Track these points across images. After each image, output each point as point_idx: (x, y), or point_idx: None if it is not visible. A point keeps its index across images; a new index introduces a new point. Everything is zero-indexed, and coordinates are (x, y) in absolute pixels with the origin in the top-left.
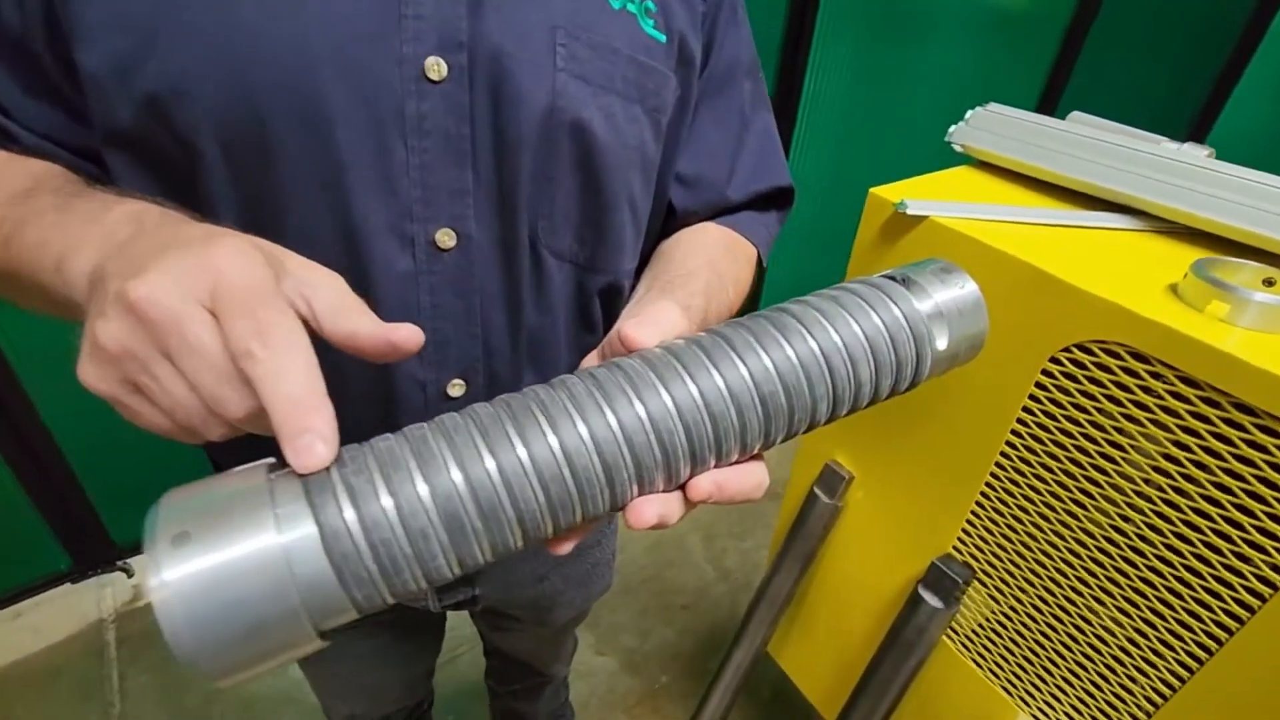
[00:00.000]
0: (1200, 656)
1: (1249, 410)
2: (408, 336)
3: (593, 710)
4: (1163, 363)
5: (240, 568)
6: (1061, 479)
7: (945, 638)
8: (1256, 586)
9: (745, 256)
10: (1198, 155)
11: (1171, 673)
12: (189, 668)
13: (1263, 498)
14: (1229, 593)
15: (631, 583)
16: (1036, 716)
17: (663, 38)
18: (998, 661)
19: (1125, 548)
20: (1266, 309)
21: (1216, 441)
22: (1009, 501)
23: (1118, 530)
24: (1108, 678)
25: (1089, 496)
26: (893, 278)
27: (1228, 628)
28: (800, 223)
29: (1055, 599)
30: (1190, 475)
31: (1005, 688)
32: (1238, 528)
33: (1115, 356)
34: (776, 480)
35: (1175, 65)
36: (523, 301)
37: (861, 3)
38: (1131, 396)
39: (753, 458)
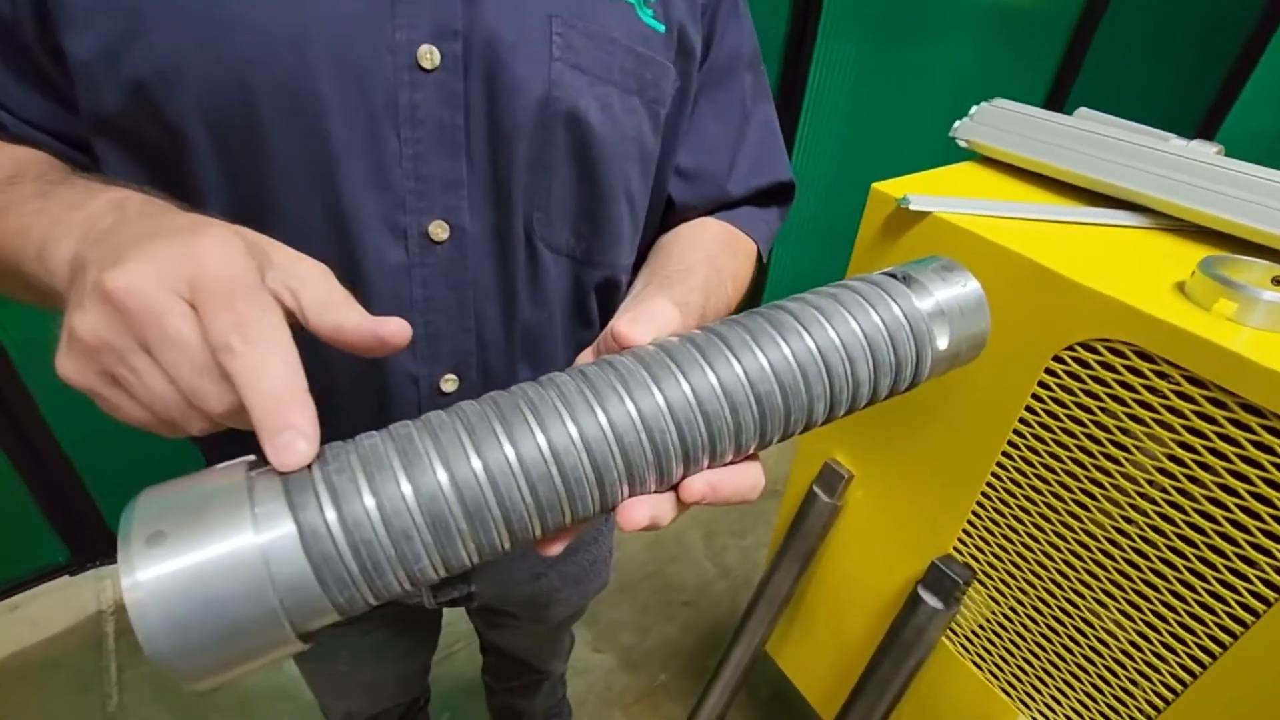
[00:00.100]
0: (1204, 660)
1: (1256, 411)
2: (395, 331)
3: (590, 707)
4: (1169, 362)
5: (216, 568)
6: (1064, 479)
7: (945, 639)
8: (1262, 590)
9: (745, 252)
10: (1206, 152)
11: (1174, 676)
12: (165, 670)
13: (1269, 500)
14: (1234, 596)
15: (631, 579)
16: (1036, 719)
17: (662, 28)
18: (998, 663)
19: (1129, 549)
20: (1275, 308)
21: (1223, 443)
22: (1010, 502)
23: (1121, 532)
24: (1109, 680)
25: (1092, 498)
26: (893, 275)
27: (1232, 632)
28: (803, 219)
29: (1057, 601)
30: (1195, 477)
31: (1005, 689)
32: (1243, 530)
33: (1120, 355)
34: (776, 478)
35: (1183, 63)
36: (517, 295)
37: None
38: (1136, 396)
39: (748, 458)
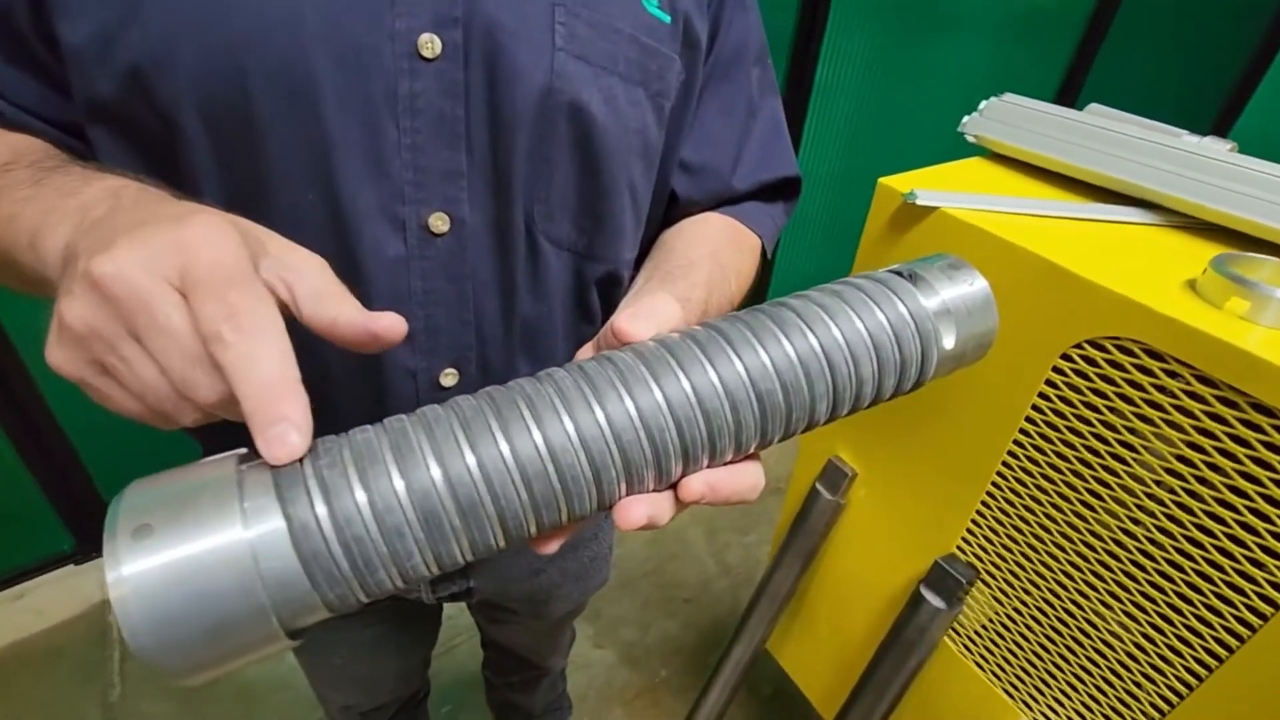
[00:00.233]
0: (1210, 664)
1: (1268, 411)
2: (390, 326)
3: (591, 703)
4: (1179, 360)
5: (203, 563)
6: (1070, 479)
7: (947, 638)
8: (1270, 593)
9: (749, 248)
10: (1219, 149)
11: (1180, 679)
12: (149, 666)
13: None
14: (1241, 599)
15: (632, 575)
16: None
17: (667, 18)
18: (1000, 664)
19: (1134, 551)
20: None
21: (1233, 443)
22: (1015, 501)
23: (1127, 533)
24: (1113, 683)
25: (1098, 498)
26: (899, 273)
27: (1239, 635)
28: (811, 215)
29: (1061, 602)
30: (1204, 478)
31: (1007, 691)
32: (1252, 533)
33: (1129, 354)
34: (779, 476)
35: (1197, 60)
36: (517, 289)
37: None
38: (1145, 395)
39: (748, 457)
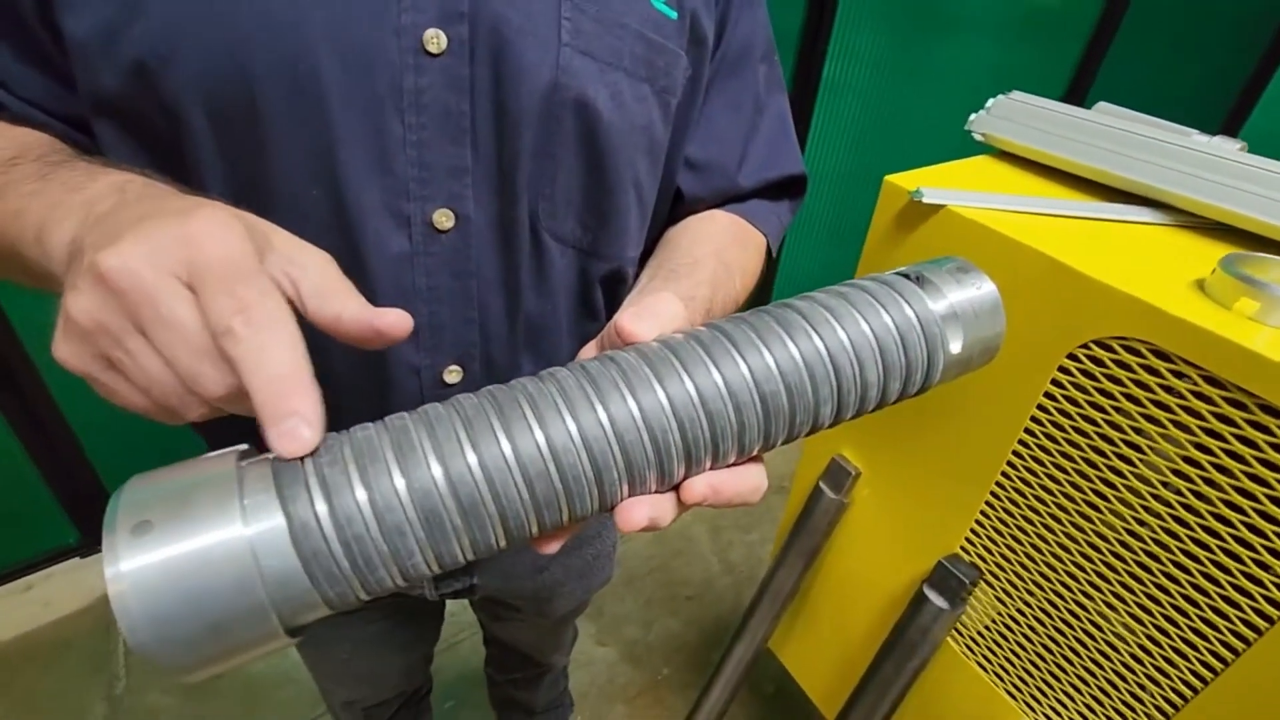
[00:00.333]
0: (1215, 667)
1: (1276, 413)
2: (394, 323)
3: (592, 700)
4: (1186, 361)
5: (202, 560)
6: (1075, 480)
7: (950, 639)
8: (1277, 596)
9: (754, 246)
10: (1229, 148)
11: (1184, 682)
12: (148, 663)
13: None
14: (1248, 602)
15: (636, 573)
16: None
17: (674, 14)
18: (1003, 665)
19: (1140, 552)
20: None
21: (1240, 445)
22: (1020, 502)
23: (1132, 534)
24: (1117, 685)
25: (1103, 499)
26: (906, 275)
27: (1245, 638)
28: (817, 214)
29: (1064, 603)
30: (1211, 479)
31: (1009, 692)
32: (1260, 535)
33: (1136, 354)
34: (783, 474)
35: (1207, 59)
36: (522, 286)
37: None
38: (1152, 396)
39: (751, 459)
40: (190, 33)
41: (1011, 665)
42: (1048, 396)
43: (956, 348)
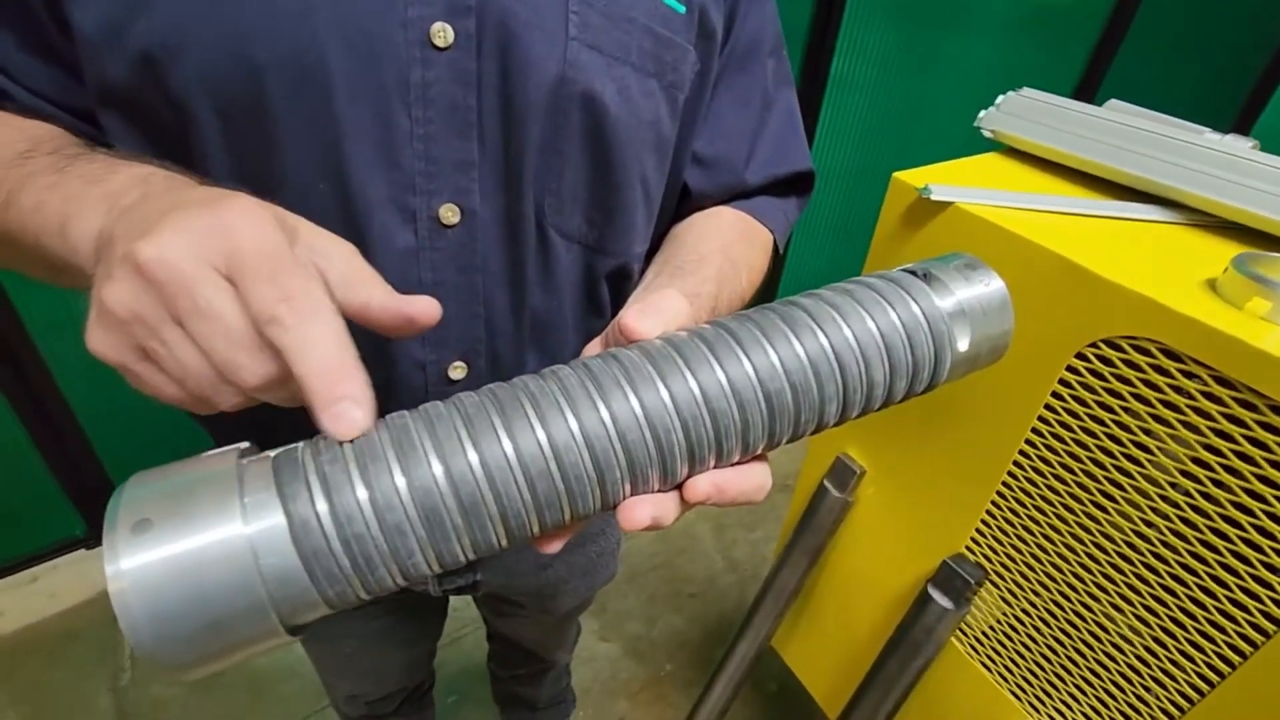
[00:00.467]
0: (1223, 669)
1: None
2: (424, 310)
3: (595, 696)
4: (1197, 361)
5: (202, 558)
6: (1083, 480)
7: (954, 639)
8: None
9: (761, 242)
10: (1241, 146)
11: (1191, 686)
12: (148, 660)
13: None
14: (1256, 604)
15: (639, 570)
16: None
17: (682, 9)
18: (1008, 666)
19: (1147, 554)
20: None
21: (1251, 446)
22: (1026, 501)
23: (1140, 535)
24: (1122, 687)
25: (1111, 500)
26: (913, 272)
27: (1253, 641)
28: (825, 210)
29: (1070, 604)
30: (1221, 480)
31: (1014, 693)
32: (1269, 536)
33: (1146, 354)
34: (787, 473)
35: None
36: (527, 282)
37: None
38: (1161, 396)
39: (755, 458)
40: (197, 24)
41: (1016, 666)
42: (1055, 396)
43: (964, 346)
